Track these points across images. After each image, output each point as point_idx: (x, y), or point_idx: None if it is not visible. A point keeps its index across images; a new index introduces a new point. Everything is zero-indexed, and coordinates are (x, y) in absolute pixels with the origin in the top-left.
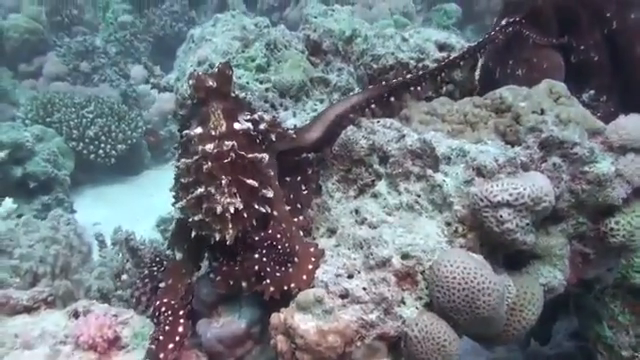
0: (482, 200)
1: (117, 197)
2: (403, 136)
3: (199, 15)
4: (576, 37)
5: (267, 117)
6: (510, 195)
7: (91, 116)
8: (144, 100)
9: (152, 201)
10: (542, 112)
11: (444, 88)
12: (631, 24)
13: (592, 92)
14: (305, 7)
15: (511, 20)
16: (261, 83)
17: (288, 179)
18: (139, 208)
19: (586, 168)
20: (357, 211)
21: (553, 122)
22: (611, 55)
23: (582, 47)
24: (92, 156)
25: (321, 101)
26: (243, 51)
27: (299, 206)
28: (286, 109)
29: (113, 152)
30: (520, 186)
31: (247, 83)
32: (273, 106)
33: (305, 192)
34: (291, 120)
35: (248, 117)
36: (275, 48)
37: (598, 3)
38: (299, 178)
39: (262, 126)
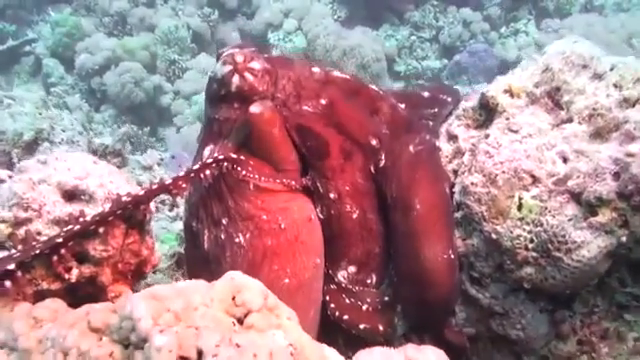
0: None
1: None
2: None
3: (10, 80)
4: (323, 178)
5: None
6: None
7: None
8: None
9: None
10: (200, 356)
11: (73, 272)
12: (408, 162)
13: (352, 269)
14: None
15: (212, 159)
16: None
17: None
18: None
19: None
20: None
21: None
22: (383, 211)
23: (332, 195)
24: None
25: None
26: None
27: None
28: None
29: None
30: None
31: None
32: None
33: None
34: None
35: None
36: None
37: (355, 123)
38: None
39: None
